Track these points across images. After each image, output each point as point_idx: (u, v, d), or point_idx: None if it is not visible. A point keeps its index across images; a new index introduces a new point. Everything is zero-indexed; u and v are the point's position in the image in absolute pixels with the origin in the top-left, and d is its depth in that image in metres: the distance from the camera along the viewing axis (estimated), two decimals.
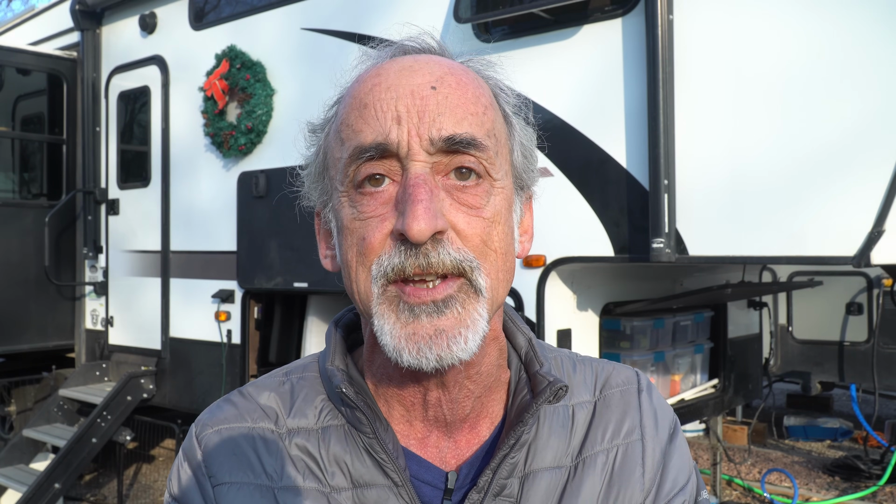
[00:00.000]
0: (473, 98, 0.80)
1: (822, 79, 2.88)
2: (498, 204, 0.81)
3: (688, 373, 4.51)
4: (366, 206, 0.79)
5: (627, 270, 4.00)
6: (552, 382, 0.85)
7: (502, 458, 0.84)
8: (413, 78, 0.79)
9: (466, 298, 0.77)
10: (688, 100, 3.15)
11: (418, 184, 0.76)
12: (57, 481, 5.04)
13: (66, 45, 6.32)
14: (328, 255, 0.90)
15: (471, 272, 0.77)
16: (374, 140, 0.77)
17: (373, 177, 0.78)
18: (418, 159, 0.77)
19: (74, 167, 6.14)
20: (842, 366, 6.73)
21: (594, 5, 3.44)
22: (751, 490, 5.93)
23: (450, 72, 0.81)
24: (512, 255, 0.84)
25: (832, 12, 2.86)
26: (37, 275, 5.82)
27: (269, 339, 5.02)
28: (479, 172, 0.79)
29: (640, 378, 0.98)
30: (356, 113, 0.80)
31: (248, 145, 4.79)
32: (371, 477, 0.84)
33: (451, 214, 0.77)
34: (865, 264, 2.77)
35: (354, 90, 0.82)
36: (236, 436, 0.88)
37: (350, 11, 4.34)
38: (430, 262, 0.75)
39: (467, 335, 0.76)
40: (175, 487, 0.89)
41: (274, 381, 0.93)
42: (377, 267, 0.77)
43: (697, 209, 3.14)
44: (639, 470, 0.90)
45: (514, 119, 0.87)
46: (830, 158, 2.85)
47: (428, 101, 0.78)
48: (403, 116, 0.77)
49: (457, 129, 0.77)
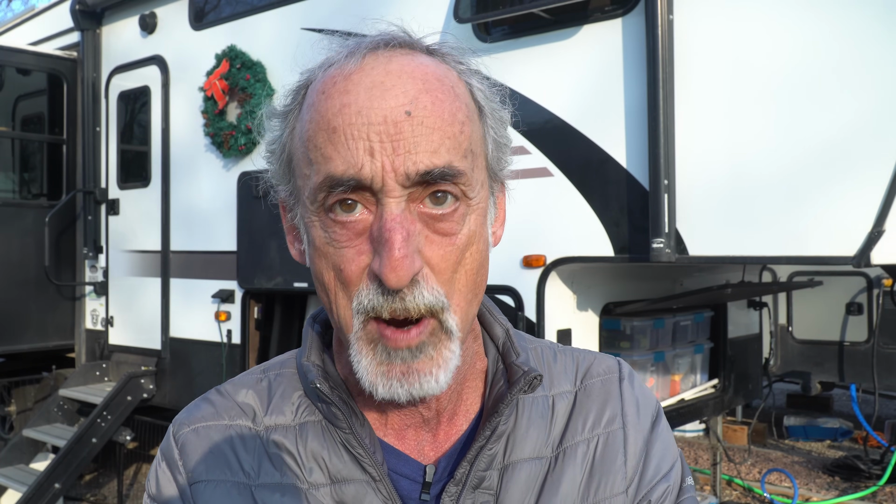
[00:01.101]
0: (450, 117, 0.76)
1: (822, 78, 2.88)
2: (473, 224, 0.79)
3: (688, 373, 4.51)
4: (339, 234, 0.77)
5: (627, 270, 4.00)
6: (527, 372, 0.85)
7: (479, 449, 0.84)
8: (385, 100, 0.74)
9: (438, 341, 0.78)
10: (688, 100, 3.15)
11: (395, 228, 0.73)
12: (57, 481, 5.04)
13: (66, 45, 6.32)
14: (298, 248, 0.89)
15: (441, 313, 0.77)
16: (346, 172, 0.74)
17: (345, 202, 0.76)
18: (393, 195, 0.74)
19: (74, 167, 6.14)
20: (842, 366, 6.73)
21: (594, 5, 3.44)
22: (751, 490, 5.94)
23: (424, 89, 0.76)
24: (485, 269, 0.83)
25: (832, 12, 2.86)
26: (37, 275, 5.82)
27: (269, 339, 5.02)
28: (456, 194, 0.77)
29: (622, 367, 0.98)
30: (324, 136, 0.76)
31: (248, 145, 4.79)
32: (349, 472, 0.84)
33: (426, 249, 0.76)
34: (865, 264, 2.77)
35: (321, 106, 0.77)
36: (213, 434, 0.88)
37: (350, 11, 4.34)
38: (407, 307, 0.75)
39: (438, 374, 0.77)
40: (153, 487, 0.89)
41: (251, 379, 0.93)
42: (357, 303, 0.77)
43: (697, 209, 3.14)
44: (620, 458, 0.90)
45: (487, 110, 0.83)
46: (830, 158, 2.85)
47: (402, 129, 0.74)
48: (377, 148, 0.73)
49: (434, 160, 0.74)
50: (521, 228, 3.57)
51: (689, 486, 0.94)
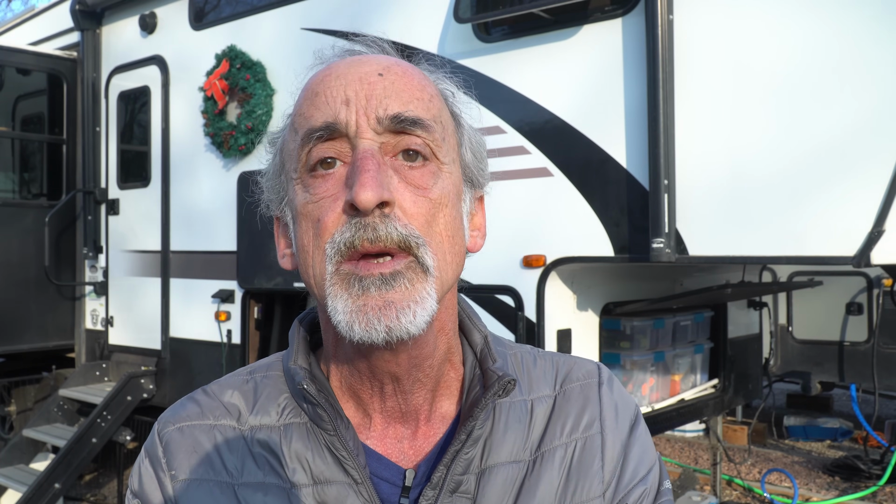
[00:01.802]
0: (419, 86, 0.84)
1: (822, 78, 2.88)
2: (445, 187, 0.83)
3: (688, 373, 4.51)
4: (318, 188, 0.81)
5: (627, 270, 4.00)
6: (500, 377, 0.86)
7: (455, 453, 0.85)
8: (361, 67, 0.83)
9: (415, 276, 0.79)
10: (688, 100, 3.15)
11: (366, 157, 0.78)
12: (57, 481, 5.04)
13: (66, 45, 6.32)
14: (286, 253, 0.92)
15: (417, 248, 0.79)
16: (324, 121, 0.80)
17: (324, 161, 0.81)
18: (366, 136, 0.80)
19: (74, 167, 6.14)
20: (842, 366, 6.73)
21: (594, 5, 3.44)
22: (751, 490, 5.94)
23: (396, 63, 0.85)
24: (460, 241, 0.86)
25: (833, 12, 2.86)
26: (37, 275, 5.82)
27: (269, 339, 5.02)
28: (426, 155, 0.82)
29: (602, 371, 0.98)
30: (308, 102, 0.83)
31: (248, 145, 4.79)
32: (331, 474, 0.85)
33: (398, 192, 0.80)
34: (865, 264, 2.77)
35: (307, 84, 0.86)
36: (198, 433, 0.89)
37: (350, 11, 4.34)
38: (378, 235, 0.77)
39: (416, 310, 0.78)
40: (136, 483, 0.90)
41: (238, 380, 0.94)
42: (331, 245, 0.79)
43: (697, 209, 3.13)
44: (598, 462, 0.90)
45: (464, 121, 0.90)
46: (830, 158, 2.85)
47: (375, 86, 0.81)
48: (352, 99, 0.80)
49: (402, 109, 0.80)
50: (521, 228, 3.57)
51: (666, 489, 0.95)
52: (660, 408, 4.20)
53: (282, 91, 4.72)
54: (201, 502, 0.85)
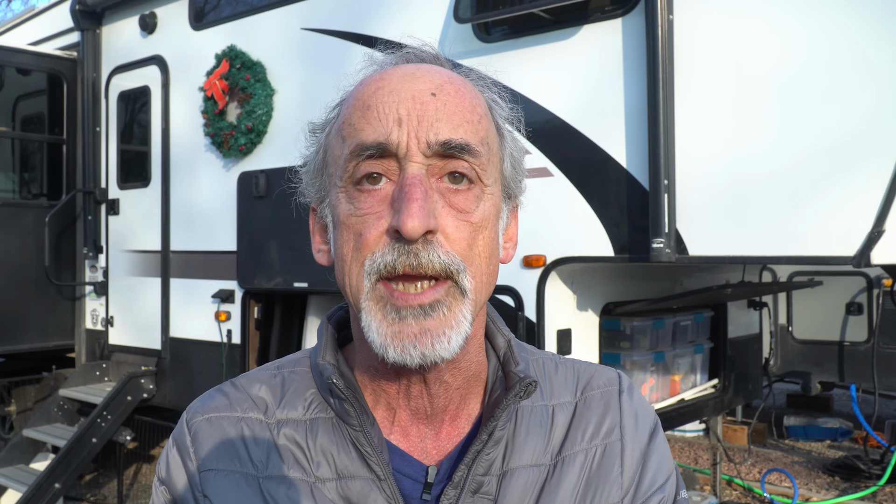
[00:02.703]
0: (470, 107, 0.84)
1: (823, 78, 2.88)
2: (486, 209, 0.84)
3: (688, 373, 4.51)
4: (363, 203, 0.82)
5: (627, 270, 4.00)
6: (522, 379, 0.88)
7: (476, 453, 0.86)
8: (415, 84, 0.83)
9: (453, 301, 0.80)
10: (688, 100, 3.15)
11: (414, 183, 0.79)
12: (57, 481, 5.04)
13: (66, 45, 6.32)
14: (322, 249, 0.93)
15: (457, 275, 0.80)
16: (376, 139, 0.81)
17: (371, 175, 0.82)
18: (415, 160, 0.80)
19: (74, 167, 6.14)
20: (842, 366, 6.73)
21: (594, 5, 3.43)
22: (751, 490, 5.94)
23: (449, 80, 0.85)
24: (496, 259, 0.88)
25: (833, 12, 2.86)
26: (37, 275, 5.82)
27: (269, 339, 5.02)
28: (472, 178, 0.83)
29: (622, 379, 1.00)
30: (359, 113, 0.83)
31: (248, 145, 4.79)
32: (355, 469, 0.86)
33: (442, 217, 0.81)
34: (865, 264, 2.77)
35: (358, 92, 0.86)
36: (225, 424, 0.91)
37: (350, 11, 4.34)
38: (420, 262, 0.78)
39: (451, 335, 0.80)
40: (163, 471, 0.91)
41: (266, 374, 0.96)
42: (370, 262, 0.80)
43: (697, 209, 3.13)
44: (617, 469, 0.91)
45: (506, 131, 0.91)
46: (830, 158, 2.85)
47: (427, 107, 0.81)
48: (404, 119, 0.81)
49: (452, 135, 0.81)
50: (521, 228, 3.55)
51: (682, 498, 0.96)
52: (660, 408, 4.19)
53: (282, 91, 4.72)
54: (226, 493, 0.87)
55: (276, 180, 4.63)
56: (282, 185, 4.60)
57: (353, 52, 4.28)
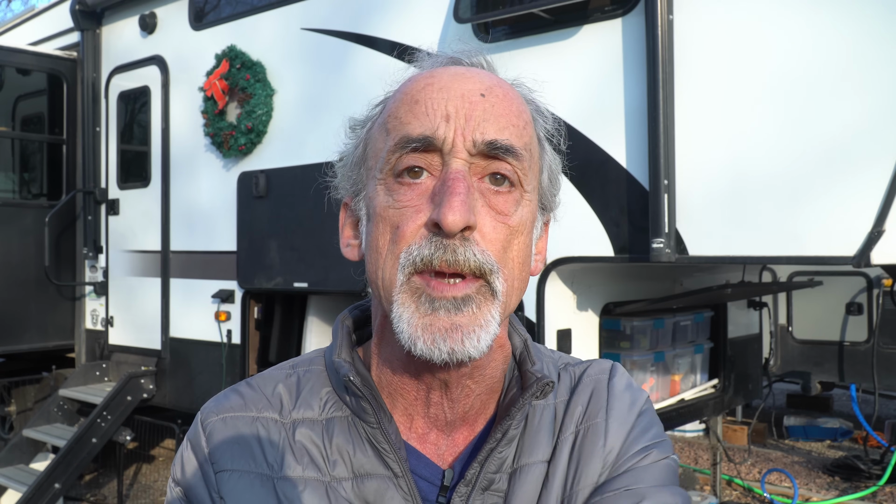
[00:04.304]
0: (517, 112, 0.85)
1: (822, 78, 2.88)
2: (524, 214, 0.85)
3: (688, 373, 4.51)
4: (402, 195, 0.82)
5: (627, 270, 4.00)
6: (539, 379, 0.88)
7: (489, 451, 0.86)
8: (465, 83, 0.84)
9: (483, 300, 0.80)
10: (688, 100, 3.15)
11: (458, 178, 0.79)
12: (57, 481, 5.04)
13: (66, 45, 6.32)
14: (352, 243, 0.93)
15: (490, 275, 0.80)
16: (423, 133, 0.81)
17: (412, 169, 0.82)
18: (460, 156, 0.81)
19: (74, 167, 6.14)
20: (842, 366, 6.73)
21: (594, 5, 3.43)
22: (751, 490, 5.94)
23: (498, 84, 0.86)
24: (528, 267, 0.87)
25: (833, 12, 2.86)
26: (37, 275, 5.82)
27: (269, 339, 5.02)
28: (513, 181, 0.83)
29: (615, 367, 1.00)
30: (406, 107, 0.84)
31: (248, 145, 4.79)
32: (372, 467, 0.86)
33: (480, 216, 0.81)
34: (865, 264, 2.77)
35: (406, 88, 0.86)
36: (240, 424, 0.90)
37: (350, 11, 4.34)
38: (458, 259, 0.78)
39: (480, 334, 0.79)
40: (178, 471, 0.92)
41: (281, 373, 0.96)
42: (406, 255, 0.80)
43: (697, 209, 3.13)
44: (600, 445, 0.91)
45: (547, 144, 0.92)
46: (831, 158, 2.85)
47: (476, 106, 0.82)
48: (452, 116, 0.81)
49: (499, 136, 0.82)
50: None
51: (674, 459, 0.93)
52: (660, 408, 4.19)
53: (282, 91, 4.72)
54: (241, 493, 0.86)
55: (276, 180, 4.63)
56: (283, 186, 4.60)
57: (353, 52, 4.28)
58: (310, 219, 4.43)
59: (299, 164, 4.46)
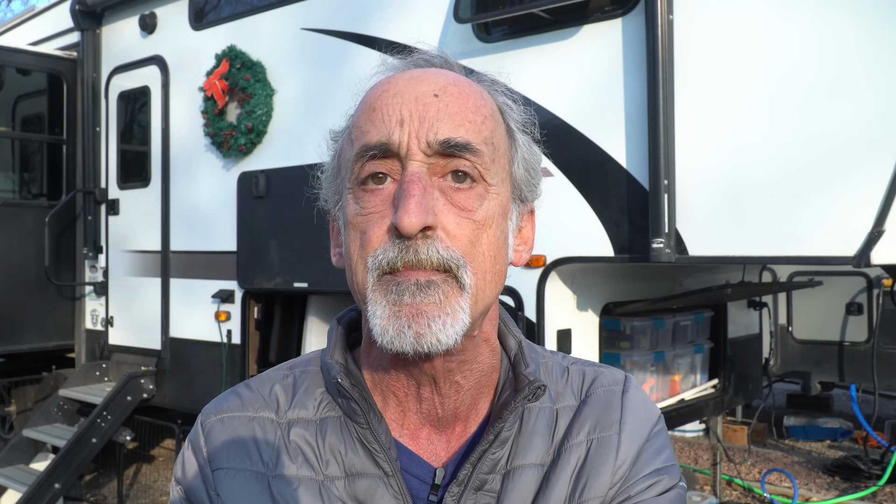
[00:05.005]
0: (473, 107, 0.86)
1: (823, 79, 2.88)
2: (491, 208, 0.85)
3: (688, 373, 4.51)
4: (367, 202, 0.84)
5: (627, 270, 4.00)
6: (532, 382, 0.89)
7: (482, 452, 0.87)
8: (419, 86, 0.85)
9: (450, 290, 0.81)
10: (688, 100, 3.15)
11: (413, 181, 0.81)
12: (57, 481, 5.04)
13: (66, 45, 6.32)
14: (337, 251, 0.95)
15: (457, 269, 0.82)
16: (379, 140, 0.83)
17: (376, 175, 0.84)
18: (416, 159, 0.82)
19: (74, 167, 6.14)
20: (842, 366, 6.73)
21: (594, 5, 3.43)
22: (751, 490, 5.94)
23: (454, 82, 0.87)
24: (502, 259, 0.88)
25: (832, 13, 2.86)
26: (37, 275, 5.82)
27: (269, 339, 5.02)
28: (474, 176, 0.84)
29: (629, 380, 1.00)
30: (365, 116, 0.86)
31: (248, 145, 4.79)
32: (363, 466, 0.87)
33: (443, 215, 0.82)
34: (865, 264, 2.77)
35: (366, 96, 0.89)
36: (237, 424, 0.93)
37: (350, 11, 4.34)
38: (420, 258, 0.80)
39: (447, 321, 0.80)
40: (179, 471, 0.95)
41: (278, 375, 0.98)
42: (373, 259, 0.82)
43: (697, 209, 3.13)
44: (611, 461, 0.91)
45: (519, 135, 0.93)
46: (831, 158, 2.85)
47: (429, 107, 0.83)
48: (406, 120, 0.83)
49: (453, 134, 0.83)
50: None
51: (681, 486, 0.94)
52: (660, 408, 4.19)
53: (282, 91, 4.72)
54: (237, 491, 0.89)
55: (276, 180, 4.63)
56: (283, 186, 4.60)
57: (353, 52, 4.28)
58: (310, 219, 4.43)
59: (299, 164, 4.46)
